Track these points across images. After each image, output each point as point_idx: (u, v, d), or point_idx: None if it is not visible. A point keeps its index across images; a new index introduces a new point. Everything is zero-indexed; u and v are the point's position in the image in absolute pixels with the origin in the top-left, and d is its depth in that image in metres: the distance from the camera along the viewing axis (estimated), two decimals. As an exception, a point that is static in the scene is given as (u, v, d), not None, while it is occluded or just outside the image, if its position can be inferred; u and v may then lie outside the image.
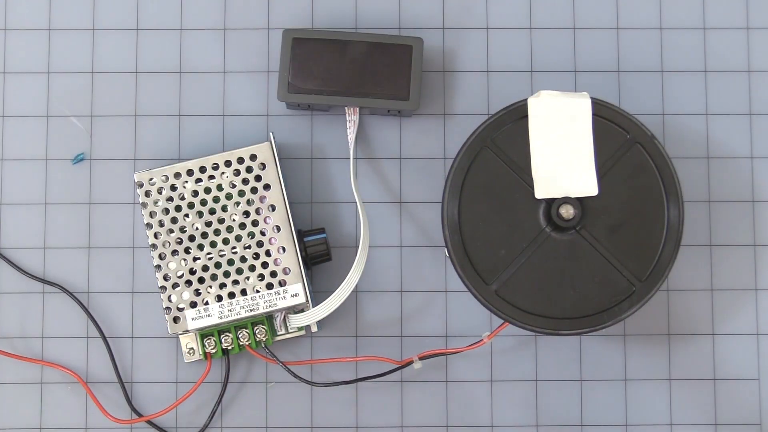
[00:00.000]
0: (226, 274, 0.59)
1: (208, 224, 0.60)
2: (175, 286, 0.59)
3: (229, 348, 0.60)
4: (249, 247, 0.60)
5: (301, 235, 0.61)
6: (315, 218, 0.63)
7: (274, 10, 0.65)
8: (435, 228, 0.63)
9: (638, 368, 0.63)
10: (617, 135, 0.56)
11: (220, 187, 0.60)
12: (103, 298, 0.63)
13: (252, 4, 0.65)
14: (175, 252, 0.60)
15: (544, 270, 0.56)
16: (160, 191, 0.60)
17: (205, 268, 0.60)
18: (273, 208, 0.60)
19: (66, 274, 0.63)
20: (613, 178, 0.56)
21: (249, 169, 0.60)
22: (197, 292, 0.59)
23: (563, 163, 0.56)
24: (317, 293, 0.62)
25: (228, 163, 0.60)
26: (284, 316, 0.61)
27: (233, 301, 0.59)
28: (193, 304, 0.59)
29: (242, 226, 0.60)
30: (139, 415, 0.62)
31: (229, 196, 0.60)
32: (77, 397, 0.62)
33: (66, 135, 0.64)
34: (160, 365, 0.62)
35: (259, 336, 0.60)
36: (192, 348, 0.61)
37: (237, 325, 0.60)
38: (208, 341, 0.60)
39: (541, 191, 0.56)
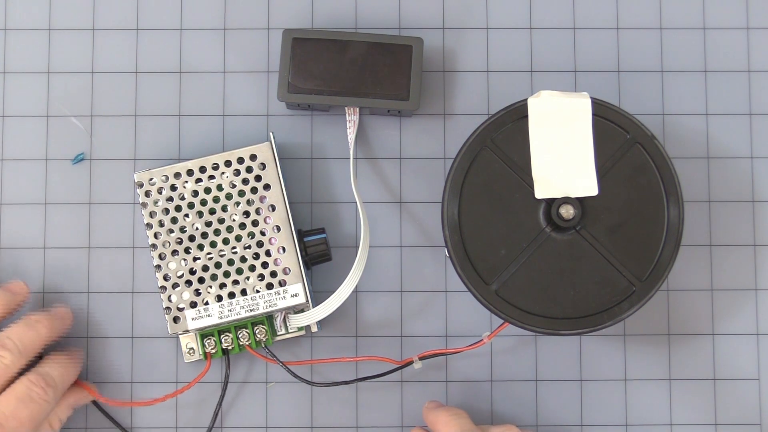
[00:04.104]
0: (226, 274, 0.59)
1: (208, 224, 0.60)
2: (175, 286, 0.59)
3: (229, 348, 0.60)
4: (249, 247, 0.60)
5: (301, 235, 0.61)
6: (315, 218, 0.63)
7: (274, 10, 0.65)
8: (435, 228, 0.63)
9: (638, 368, 0.63)
10: (617, 135, 0.56)
11: (220, 187, 0.60)
12: (103, 298, 0.63)
13: (252, 4, 0.65)
14: (175, 252, 0.60)
15: (544, 270, 0.56)
16: (160, 191, 0.60)
17: (205, 268, 0.60)
18: (273, 208, 0.60)
19: (66, 274, 0.63)
20: (613, 178, 0.56)
21: (249, 169, 0.60)
22: (197, 292, 0.59)
23: (563, 163, 0.56)
24: (317, 293, 0.62)
25: (228, 163, 0.60)
26: (284, 316, 0.61)
27: (233, 301, 0.59)
28: (193, 304, 0.59)
29: (242, 226, 0.60)
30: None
31: (229, 196, 0.60)
32: (77, 397, 0.62)
33: (66, 135, 0.64)
34: (160, 365, 0.62)
35: (259, 336, 0.60)
36: (192, 348, 0.61)
37: (237, 325, 0.60)
38: (208, 341, 0.60)
39: (541, 191, 0.56)
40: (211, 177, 0.60)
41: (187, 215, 0.60)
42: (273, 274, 0.60)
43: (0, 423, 0.54)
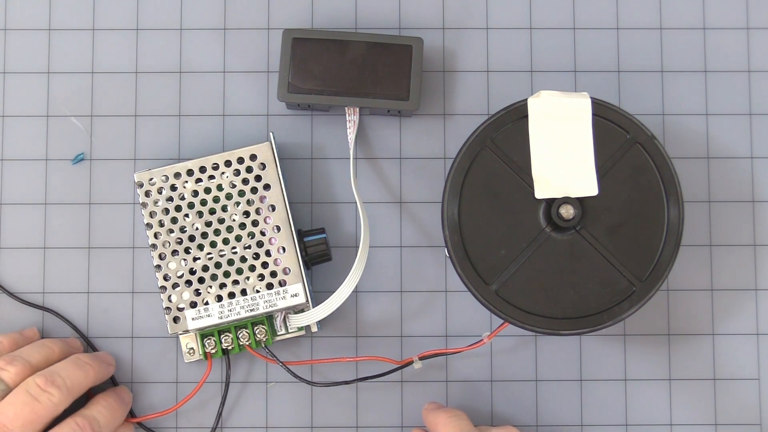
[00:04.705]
0: (226, 274, 0.59)
1: (208, 224, 0.60)
2: (175, 286, 0.59)
3: (229, 348, 0.60)
4: (249, 247, 0.60)
5: (301, 235, 0.61)
6: (315, 218, 0.63)
7: (274, 10, 0.65)
8: (435, 228, 0.63)
9: (638, 368, 0.63)
10: (617, 135, 0.56)
11: (220, 187, 0.60)
12: (103, 298, 0.63)
13: (252, 4, 0.65)
14: (175, 252, 0.60)
15: (544, 270, 0.56)
16: (160, 191, 0.60)
17: (205, 268, 0.60)
18: (273, 208, 0.60)
19: (66, 275, 0.63)
20: (613, 178, 0.56)
21: (249, 169, 0.60)
22: (197, 292, 0.59)
23: (563, 163, 0.56)
24: (317, 293, 0.62)
25: (228, 163, 0.60)
26: (284, 316, 0.61)
27: (233, 301, 0.59)
28: (193, 304, 0.59)
29: (242, 226, 0.60)
30: (134, 416, 0.62)
31: (229, 196, 0.60)
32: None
33: (66, 135, 0.64)
34: (160, 365, 0.62)
35: (259, 336, 0.60)
36: (192, 348, 0.61)
37: (237, 325, 0.60)
38: (208, 341, 0.60)
39: (541, 191, 0.56)
40: (211, 177, 0.60)
41: (187, 215, 0.60)
42: (273, 274, 0.60)
43: None
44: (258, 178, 0.60)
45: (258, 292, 0.59)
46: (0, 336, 0.59)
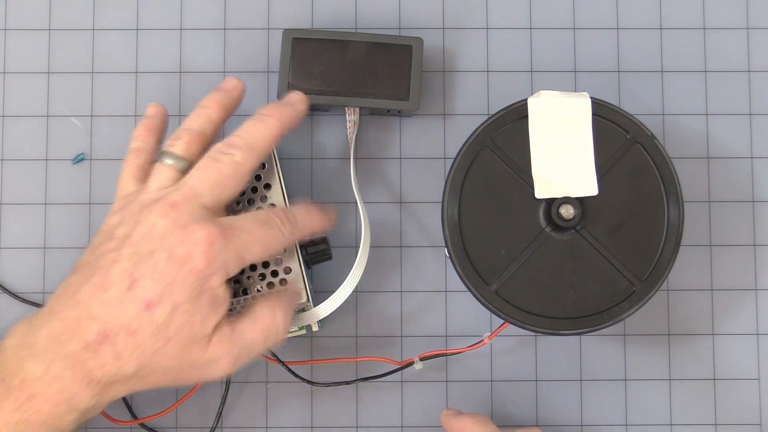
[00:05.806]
0: (227, 274, 0.59)
1: (209, 224, 0.60)
2: (175, 286, 0.59)
3: (230, 348, 0.60)
4: (249, 247, 0.59)
5: (301, 234, 0.61)
6: (315, 218, 0.63)
7: (274, 10, 0.65)
8: (435, 228, 0.63)
9: (638, 368, 0.63)
10: (617, 135, 0.56)
11: (220, 187, 0.60)
12: (103, 298, 0.63)
13: (252, 4, 0.65)
14: (175, 252, 0.60)
15: (544, 270, 0.56)
16: (160, 191, 0.60)
17: (206, 268, 0.59)
18: (273, 207, 0.60)
19: (66, 274, 0.63)
20: (613, 178, 0.56)
21: (249, 169, 0.60)
22: (197, 292, 0.59)
23: (563, 163, 0.56)
24: (318, 293, 0.62)
25: (228, 163, 0.60)
26: (284, 316, 0.60)
27: (234, 300, 0.59)
28: (193, 304, 0.59)
29: (242, 226, 0.60)
30: (135, 416, 0.62)
31: (229, 196, 0.60)
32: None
33: (66, 135, 0.64)
34: (160, 365, 0.62)
35: (259, 336, 0.60)
36: (192, 348, 0.61)
37: (237, 325, 0.60)
38: (209, 341, 0.60)
39: (541, 191, 0.56)
40: (211, 177, 0.60)
41: (187, 215, 0.60)
42: (274, 273, 0.59)
43: (233, 226, 0.52)
44: (258, 178, 0.60)
45: (259, 291, 0.59)
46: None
